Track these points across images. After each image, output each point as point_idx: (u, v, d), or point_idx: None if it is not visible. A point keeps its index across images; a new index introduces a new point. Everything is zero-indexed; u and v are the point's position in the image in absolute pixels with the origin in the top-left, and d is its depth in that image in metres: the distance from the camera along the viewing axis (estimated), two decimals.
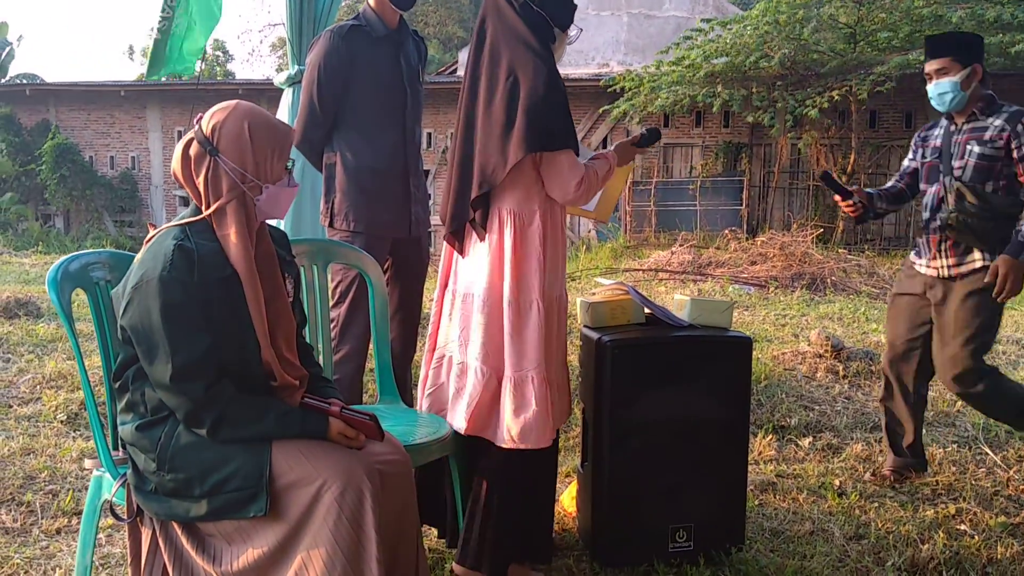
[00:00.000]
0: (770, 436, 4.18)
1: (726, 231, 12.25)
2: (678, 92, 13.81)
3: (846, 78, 12.89)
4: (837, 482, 3.65)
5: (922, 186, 3.60)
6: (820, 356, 5.42)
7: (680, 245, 11.40)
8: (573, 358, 5.35)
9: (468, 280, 2.67)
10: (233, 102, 2.16)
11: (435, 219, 9.87)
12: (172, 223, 2.12)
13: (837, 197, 3.65)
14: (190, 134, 2.12)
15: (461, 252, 2.70)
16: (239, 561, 2.05)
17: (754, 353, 5.43)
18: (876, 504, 3.45)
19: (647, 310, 3.00)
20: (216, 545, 2.08)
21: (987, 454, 4.02)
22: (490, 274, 2.60)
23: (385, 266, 3.55)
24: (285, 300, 2.22)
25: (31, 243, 15.39)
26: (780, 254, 9.98)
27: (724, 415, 2.86)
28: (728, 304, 3.00)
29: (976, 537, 3.11)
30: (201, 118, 2.12)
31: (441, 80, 17.12)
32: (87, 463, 2.38)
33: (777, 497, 3.51)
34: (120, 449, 2.35)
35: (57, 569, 2.80)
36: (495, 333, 2.59)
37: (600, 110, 15.75)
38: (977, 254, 3.37)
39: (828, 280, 9.44)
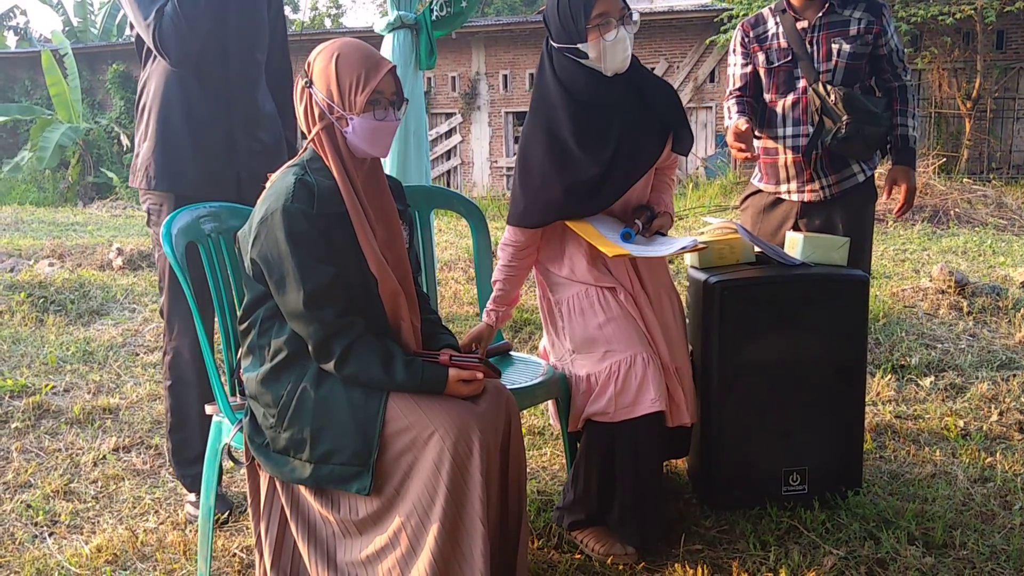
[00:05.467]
0: (889, 376, 4.04)
1: None
2: None
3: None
4: (961, 423, 3.50)
5: (768, 96, 3.18)
6: (943, 292, 5.20)
7: None
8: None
9: None
10: (339, 39, 2.18)
11: None
12: (291, 162, 2.17)
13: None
14: None
15: None
16: (356, 508, 2.10)
17: (872, 290, 5.26)
18: (1003, 446, 3.30)
19: (757, 249, 2.90)
20: (333, 492, 2.13)
21: None
22: None
23: None
24: (403, 246, 2.24)
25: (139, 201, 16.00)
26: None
27: (839, 356, 2.76)
28: (843, 240, 2.88)
29: None
30: None
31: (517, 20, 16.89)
32: (208, 409, 2.47)
33: (896, 439, 3.39)
34: (238, 395, 2.43)
35: (183, 509, 2.93)
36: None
37: (707, 41, 15.26)
38: (856, 167, 3.14)
39: (951, 212, 9.03)
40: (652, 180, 2.69)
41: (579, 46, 2.46)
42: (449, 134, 17.64)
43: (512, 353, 2.95)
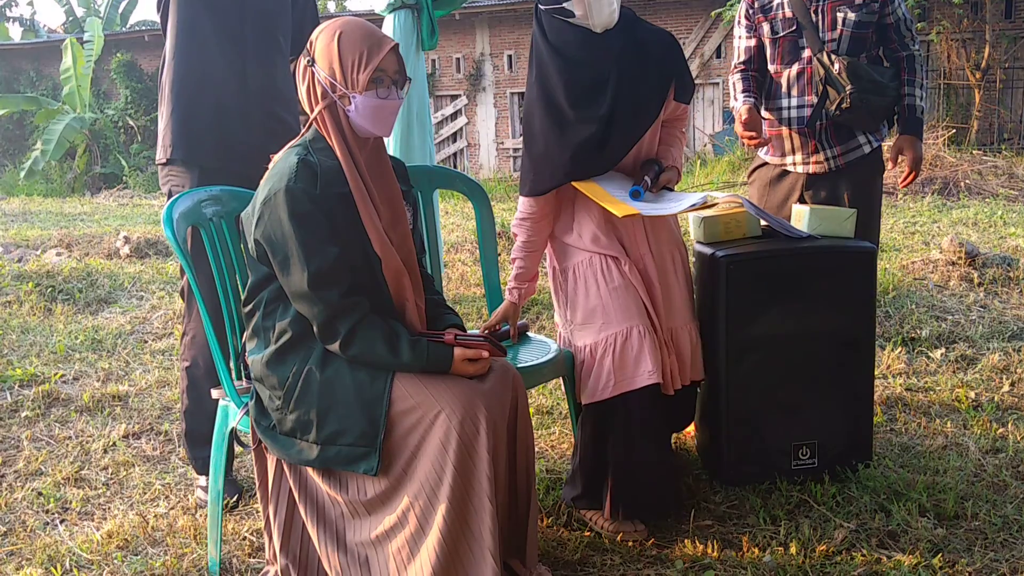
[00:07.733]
0: (899, 349, 4.02)
1: None
2: None
3: None
4: (972, 394, 3.48)
5: (773, 67, 3.14)
6: (953, 264, 5.16)
7: None
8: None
9: None
10: (341, 17, 2.16)
11: None
12: (293, 142, 2.17)
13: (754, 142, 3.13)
14: None
15: None
16: (364, 489, 2.10)
17: (882, 263, 5.22)
18: (1014, 416, 3.27)
19: (763, 222, 2.88)
20: (341, 473, 2.13)
21: None
22: None
23: None
24: (406, 226, 2.23)
25: (159, 185, 16.00)
26: None
27: (848, 329, 2.74)
28: (850, 212, 2.86)
29: None
30: None
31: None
32: (214, 393, 2.47)
33: (907, 411, 3.37)
34: (244, 379, 2.43)
35: (193, 494, 2.94)
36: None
37: (712, 14, 15.09)
38: (862, 138, 3.09)
39: (961, 184, 8.96)
40: (659, 133, 2.66)
41: (564, 5, 2.44)
42: (455, 116, 17.58)
43: (528, 334, 2.94)
